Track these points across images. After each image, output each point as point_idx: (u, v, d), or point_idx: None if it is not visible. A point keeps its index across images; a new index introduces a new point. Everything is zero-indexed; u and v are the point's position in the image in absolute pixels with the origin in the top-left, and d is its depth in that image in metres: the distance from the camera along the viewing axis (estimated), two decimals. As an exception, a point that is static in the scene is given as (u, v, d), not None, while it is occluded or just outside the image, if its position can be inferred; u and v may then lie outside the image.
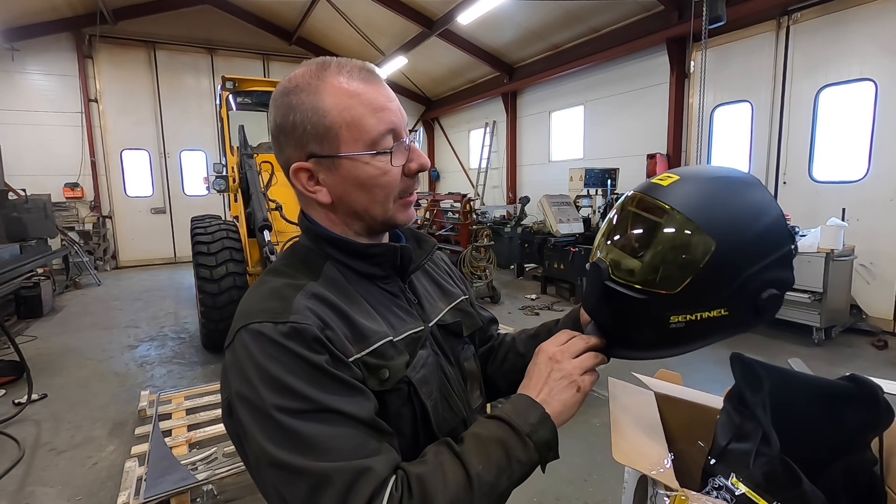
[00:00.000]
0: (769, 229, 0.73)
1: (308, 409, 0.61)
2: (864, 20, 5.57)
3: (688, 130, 7.67)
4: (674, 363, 0.88)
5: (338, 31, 11.71)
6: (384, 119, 0.73)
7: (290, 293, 0.69)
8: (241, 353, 0.65)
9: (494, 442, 0.68)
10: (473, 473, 0.64)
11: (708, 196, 0.74)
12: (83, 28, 10.44)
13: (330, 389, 0.63)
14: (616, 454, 0.82)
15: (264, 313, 0.66)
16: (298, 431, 0.60)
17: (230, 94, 5.73)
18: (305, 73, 0.73)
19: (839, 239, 5.01)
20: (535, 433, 0.69)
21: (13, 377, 4.49)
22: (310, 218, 0.80)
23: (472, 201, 8.31)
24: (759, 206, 0.74)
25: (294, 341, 0.63)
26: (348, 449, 0.61)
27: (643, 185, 0.81)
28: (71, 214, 10.73)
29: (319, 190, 0.75)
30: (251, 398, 0.62)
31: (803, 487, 0.81)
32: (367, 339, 0.71)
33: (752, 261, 0.72)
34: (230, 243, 4.92)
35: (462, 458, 0.66)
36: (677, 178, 0.77)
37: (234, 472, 2.72)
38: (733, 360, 1.00)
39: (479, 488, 0.63)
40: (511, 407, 0.73)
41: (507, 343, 1.07)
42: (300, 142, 0.73)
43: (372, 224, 0.78)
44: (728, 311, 0.73)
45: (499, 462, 0.66)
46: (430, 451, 0.68)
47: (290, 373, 0.62)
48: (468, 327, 0.94)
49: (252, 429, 0.62)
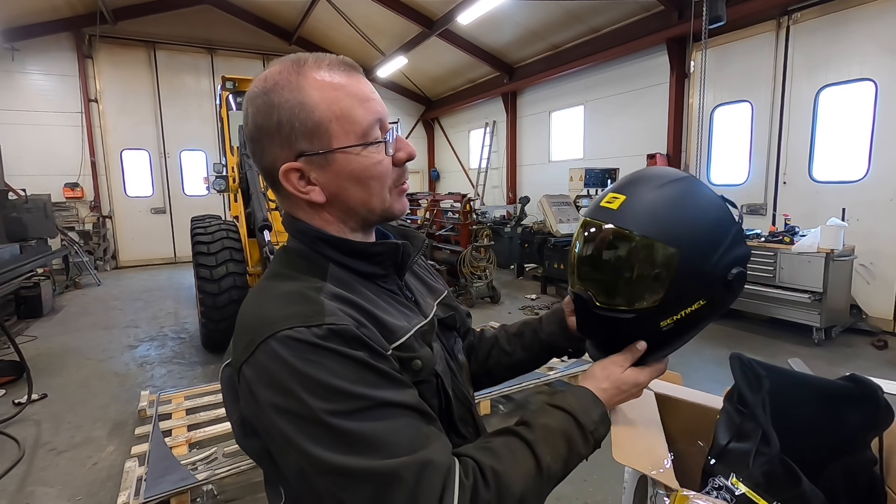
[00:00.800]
0: (717, 218, 0.79)
1: (360, 407, 0.60)
2: (864, 20, 5.57)
3: (688, 130, 7.68)
4: (674, 363, 0.88)
5: (338, 31, 11.71)
6: (371, 109, 0.71)
7: (315, 296, 0.66)
8: (273, 364, 0.60)
9: (562, 434, 0.71)
10: (545, 464, 0.67)
11: (657, 208, 0.78)
12: (83, 28, 10.45)
13: (378, 384, 0.62)
14: (616, 454, 0.82)
15: (293, 318, 0.62)
16: (354, 432, 0.58)
17: (230, 93, 5.74)
18: (282, 70, 0.71)
19: (839, 239, 5.01)
20: (597, 431, 0.75)
21: (13, 377, 4.49)
22: (299, 220, 0.76)
23: (472, 201, 8.29)
24: (701, 201, 0.80)
25: (333, 342, 0.61)
26: (406, 441, 0.60)
27: (593, 209, 0.84)
28: (71, 214, 10.73)
29: (312, 189, 0.72)
30: (293, 408, 0.59)
31: (803, 487, 0.81)
32: (394, 333, 0.71)
33: (712, 251, 0.78)
34: (230, 243, 4.92)
35: (534, 448, 0.68)
36: (623, 198, 0.80)
37: (234, 472, 2.72)
38: (733, 360, 1.00)
39: (547, 478, 0.67)
40: (576, 401, 0.76)
41: (489, 339, 1.08)
42: (288, 141, 0.69)
43: (369, 218, 0.77)
44: (706, 300, 0.80)
45: (563, 454, 0.70)
46: (499, 439, 0.70)
47: (335, 375, 0.60)
48: (457, 321, 0.96)
49: (298, 439, 0.59)
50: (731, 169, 7.23)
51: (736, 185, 7.10)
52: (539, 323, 1.04)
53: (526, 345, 1.04)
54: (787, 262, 5.31)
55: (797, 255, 5.21)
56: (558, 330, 1.01)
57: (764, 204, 6.71)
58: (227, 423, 3.29)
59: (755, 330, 5.68)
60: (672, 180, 0.81)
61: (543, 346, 1.02)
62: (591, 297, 0.83)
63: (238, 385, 0.65)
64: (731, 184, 7.18)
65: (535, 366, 1.07)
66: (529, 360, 1.05)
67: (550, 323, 1.02)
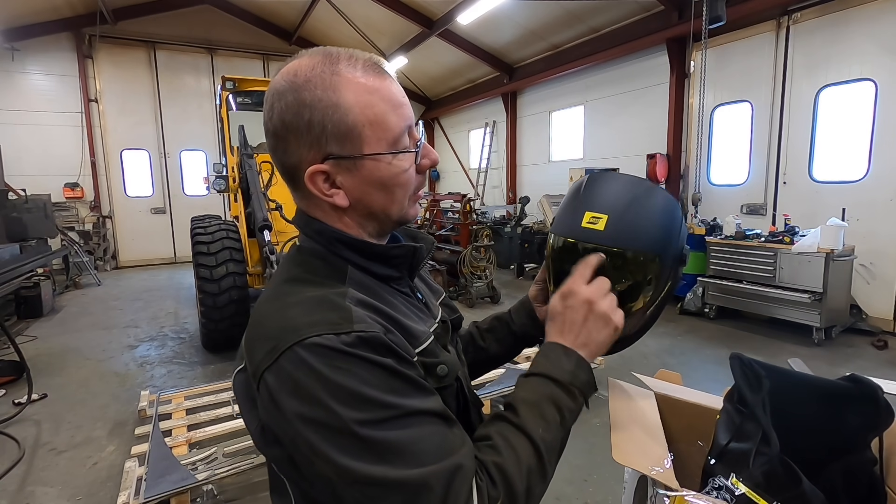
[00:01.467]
0: (672, 211, 0.87)
1: (390, 416, 0.59)
2: (864, 20, 5.57)
3: (688, 130, 7.67)
4: (674, 363, 0.89)
5: (338, 31, 11.71)
6: (403, 115, 0.70)
7: (341, 302, 0.64)
8: (299, 371, 0.59)
9: (545, 401, 0.71)
10: (538, 438, 0.67)
11: (639, 222, 0.84)
12: (83, 28, 10.45)
13: (406, 392, 0.61)
14: (616, 454, 0.82)
15: (321, 325, 0.60)
16: (384, 441, 0.57)
17: (230, 93, 5.74)
18: (314, 66, 0.68)
19: (839, 239, 5.01)
20: (577, 379, 0.73)
21: (13, 377, 4.49)
22: (317, 219, 0.74)
23: (472, 201, 8.30)
24: (659, 201, 0.86)
25: (363, 350, 0.60)
26: (434, 449, 0.59)
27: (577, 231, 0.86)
28: (71, 214, 10.73)
29: (336, 193, 0.70)
30: (321, 418, 0.58)
31: (803, 487, 0.81)
32: (417, 338, 0.70)
33: (676, 241, 0.87)
34: (230, 243, 4.92)
35: (523, 428, 0.68)
36: (606, 218, 0.84)
37: (234, 472, 2.72)
38: (733, 360, 1.00)
39: (545, 450, 0.67)
40: (545, 359, 0.75)
41: (465, 337, 1.09)
42: (318, 142, 0.67)
43: (386, 223, 0.76)
44: (672, 280, 0.89)
45: (554, 419, 0.70)
46: (491, 431, 0.69)
47: (365, 383, 0.58)
48: (460, 322, 0.97)
49: (326, 449, 0.58)
50: (730, 169, 7.23)
51: (736, 185, 7.10)
52: (509, 316, 1.06)
53: (499, 338, 1.06)
54: (787, 262, 5.31)
55: (797, 255, 5.21)
56: (528, 321, 1.02)
57: (764, 204, 6.71)
58: (227, 424, 3.29)
59: (755, 330, 5.68)
60: (637, 189, 0.86)
61: (516, 337, 1.04)
62: None
63: (257, 393, 0.63)
64: (731, 184, 7.18)
65: (509, 358, 1.09)
66: (503, 353, 1.07)
67: (520, 315, 1.04)
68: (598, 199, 0.86)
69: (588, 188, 0.89)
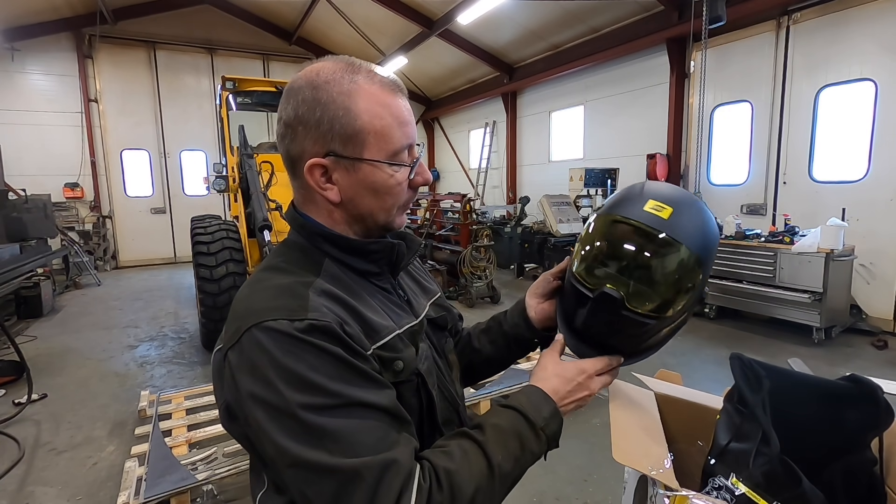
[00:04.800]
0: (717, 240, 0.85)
1: (333, 404, 0.61)
2: (864, 20, 5.57)
3: (688, 130, 7.67)
4: (674, 363, 0.89)
5: (338, 30, 11.71)
6: (407, 133, 0.76)
7: (302, 291, 0.69)
8: (254, 352, 0.63)
9: (512, 433, 0.72)
10: (495, 463, 0.68)
11: (700, 226, 0.82)
12: (83, 28, 10.44)
13: (353, 382, 0.64)
14: (616, 454, 0.82)
15: (278, 311, 0.65)
16: (323, 428, 0.60)
17: (230, 94, 5.73)
18: (335, 70, 0.73)
19: (839, 239, 5.01)
20: (548, 427, 0.75)
21: (13, 377, 4.49)
22: (304, 214, 0.80)
23: (472, 201, 8.30)
24: (713, 224, 0.85)
25: (314, 337, 0.63)
26: (373, 441, 0.61)
27: (640, 214, 0.81)
28: (71, 214, 10.73)
29: (331, 188, 0.75)
30: (269, 398, 0.61)
31: (803, 488, 0.81)
32: (378, 332, 0.73)
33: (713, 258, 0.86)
34: (230, 243, 4.91)
35: (485, 448, 0.69)
36: (671, 210, 0.80)
37: (234, 472, 2.72)
38: (733, 360, 1.00)
39: (499, 477, 0.68)
40: (526, 399, 0.77)
41: (465, 338, 1.09)
42: (324, 138, 0.72)
43: (372, 227, 0.80)
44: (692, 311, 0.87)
45: (515, 452, 0.71)
46: (452, 442, 0.71)
47: (312, 369, 0.61)
48: (449, 321, 0.99)
49: (270, 429, 0.61)
50: (731, 169, 7.23)
51: (736, 185, 7.10)
52: (504, 315, 1.06)
53: (493, 339, 1.06)
54: (787, 262, 5.31)
55: (797, 255, 5.21)
56: (521, 321, 1.02)
57: (764, 204, 6.71)
58: (227, 423, 3.29)
59: (755, 330, 5.68)
60: (696, 200, 0.85)
61: (508, 338, 1.04)
62: (623, 298, 0.79)
63: (224, 370, 0.68)
64: (731, 184, 7.18)
65: (508, 360, 1.08)
66: (498, 354, 1.06)
67: (514, 315, 1.04)
68: (662, 193, 0.82)
69: (649, 185, 0.85)
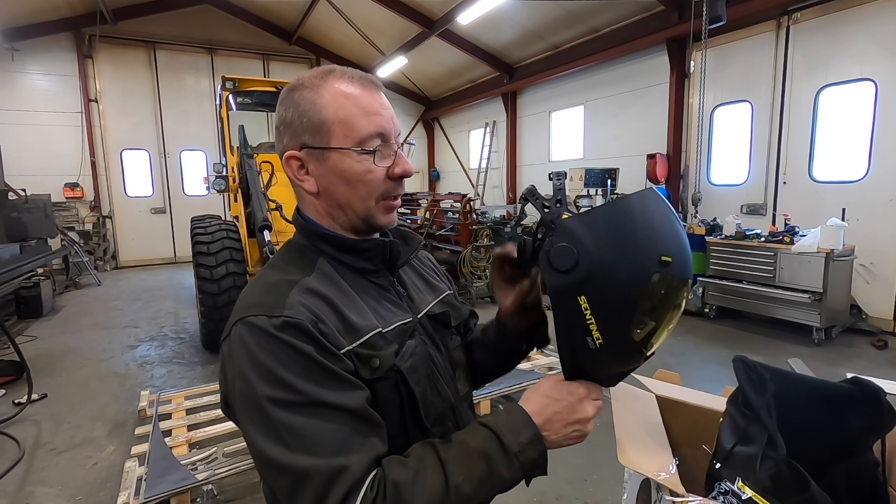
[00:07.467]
0: None
1: (297, 401, 0.63)
2: (864, 20, 5.56)
3: (688, 130, 7.67)
4: (674, 363, 0.88)
5: (338, 30, 11.70)
6: (374, 122, 0.78)
7: (284, 289, 0.72)
8: (237, 345, 0.68)
9: (479, 454, 0.68)
10: (452, 484, 0.64)
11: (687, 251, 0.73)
12: (83, 28, 10.43)
13: (321, 382, 0.65)
14: (621, 458, 0.82)
15: (259, 307, 0.69)
16: (286, 423, 0.62)
17: (230, 93, 5.72)
18: (312, 74, 0.80)
19: (839, 239, 5.01)
20: (524, 453, 0.69)
21: (13, 377, 4.49)
22: (304, 215, 0.85)
23: (472, 201, 8.30)
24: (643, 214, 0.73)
25: (286, 334, 0.66)
26: (331, 444, 0.63)
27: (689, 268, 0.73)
28: (71, 214, 10.72)
29: (307, 179, 0.80)
30: (244, 390, 0.65)
31: (811, 492, 0.80)
32: (357, 331, 0.74)
33: None
34: (230, 243, 4.91)
35: (445, 466, 0.66)
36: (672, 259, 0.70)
37: (234, 472, 2.72)
38: (737, 363, 1.00)
39: (455, 499, 0.64)
40: (505, 420, 0.72)
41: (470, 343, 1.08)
42: (296, 133, 0.79)
43: (354, 220, 0.81)
44: None
45: (480, 475, 0.67)
46: (415, 452, 0.69)
47: (281, 364, 0.64)
48: (455, 318, 0.98)
49: (245, 419, 0.66)
50: (730, 169, 7.22)
51: (736, 185, 7.09)
52: (490, 325, 1.05)
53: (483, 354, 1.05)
54: (787, 262, 5.31)
55: (797, 255, 5.21)
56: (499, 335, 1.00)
57: (764, 204, 6.70)
58: (227, 424, 3.29)
59: (755, 330, 5.68)
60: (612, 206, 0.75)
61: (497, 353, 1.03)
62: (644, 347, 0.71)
63: (220, 360, 0.73)
64: (731, 184, 7.18)
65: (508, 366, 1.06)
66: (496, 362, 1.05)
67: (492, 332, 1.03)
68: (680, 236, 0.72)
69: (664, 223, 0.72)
